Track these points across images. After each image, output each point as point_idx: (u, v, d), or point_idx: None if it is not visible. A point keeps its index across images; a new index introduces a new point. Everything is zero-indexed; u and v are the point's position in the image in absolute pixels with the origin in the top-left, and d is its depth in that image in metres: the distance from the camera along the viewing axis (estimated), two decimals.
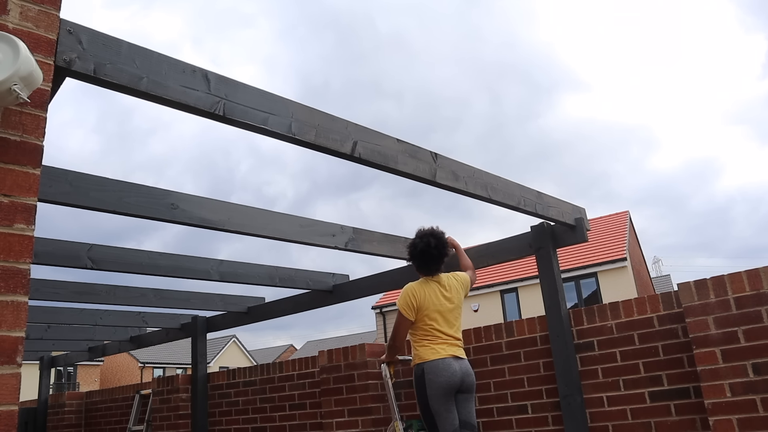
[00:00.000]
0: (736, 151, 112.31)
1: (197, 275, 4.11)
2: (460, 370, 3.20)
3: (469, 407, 3.28)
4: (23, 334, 1.37)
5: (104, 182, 2.74)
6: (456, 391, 3.20)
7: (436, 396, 3.10)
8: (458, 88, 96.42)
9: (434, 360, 3.16)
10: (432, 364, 3.15)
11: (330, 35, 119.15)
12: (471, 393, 3.30)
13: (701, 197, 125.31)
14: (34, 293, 4.32)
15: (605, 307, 3.40)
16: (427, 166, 2.70)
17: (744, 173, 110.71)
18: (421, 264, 3.38)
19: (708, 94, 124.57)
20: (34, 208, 1.46)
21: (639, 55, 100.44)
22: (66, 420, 7.01)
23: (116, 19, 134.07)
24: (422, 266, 3.38)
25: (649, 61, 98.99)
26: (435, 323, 3.24)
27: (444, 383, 3.11)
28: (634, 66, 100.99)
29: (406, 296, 3.28)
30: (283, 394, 4.96)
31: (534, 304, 17.10)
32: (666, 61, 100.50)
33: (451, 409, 3.13)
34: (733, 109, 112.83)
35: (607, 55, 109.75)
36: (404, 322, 3.28)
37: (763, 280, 2.79)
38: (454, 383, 3.15)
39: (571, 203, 3.64)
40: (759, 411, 2.68)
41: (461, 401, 3.24)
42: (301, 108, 2.22)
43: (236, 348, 38.93)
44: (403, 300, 3.28)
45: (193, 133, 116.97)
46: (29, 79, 1.38)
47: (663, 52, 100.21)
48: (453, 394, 3.17)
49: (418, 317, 3.25)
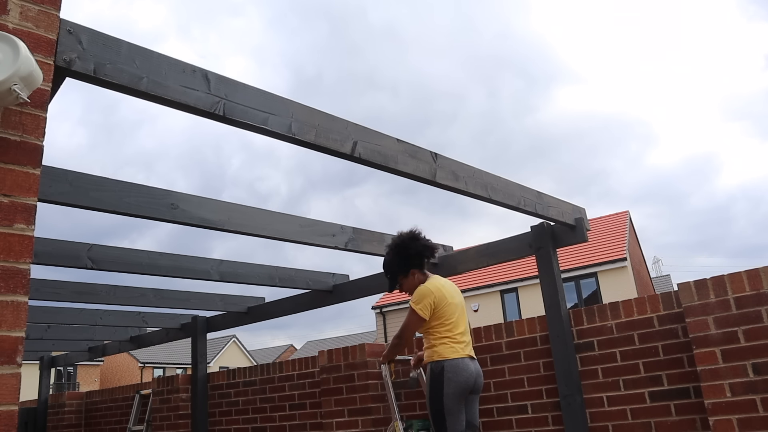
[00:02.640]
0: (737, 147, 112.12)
1: (197, 275, 4.11)
2: (475, 371, 3.23)
3: (475, 408, 3.29)
4: (23, 334, 1.37)
5: (104, 182, 2.74)
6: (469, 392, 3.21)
7: (452, 395, 3.09)
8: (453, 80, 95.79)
9: (455, 359, 3.14)
10: (453, 362, 3.13)
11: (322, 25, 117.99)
12: (479, 394, 3.33)
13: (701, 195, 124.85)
14: (34, 293, 4.32)
15: (605, 307, 3.40)
16: (427, 166, 2.70)
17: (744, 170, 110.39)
18: (420, 255, 3.37)
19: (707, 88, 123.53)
20: (34, 208, 1.46)
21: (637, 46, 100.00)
22: (66, 420, 7.01)
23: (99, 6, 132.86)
24: (419, 263, 3.38)
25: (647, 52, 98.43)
26: (454, 320, 3.23)
27: (463, 383, 3.11)
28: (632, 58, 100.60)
29: (422, 296, 3.21)
30: (283, 394, 4.96)
31: (534, 304, 17.09)
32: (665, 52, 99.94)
33: (462, 410, 3.13)
34: (734, 104, 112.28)
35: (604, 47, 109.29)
36: (418, 321, 3.22)
37: (763, 280, 2.79)
38: (470, 384, 3.16)
39: (571, 203, 3.64)
40: (759, 411, 2.68)
41: (469, 401, 3.25)
42: (301, 108, 2.22)
43: (236, 348, 38.93)
44: (420, 299, 3.21)
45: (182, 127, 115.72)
46: (29, 79, 1.38)
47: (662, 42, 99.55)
48: (466, 395, 3.17)
49: (436, 315, 3.21)
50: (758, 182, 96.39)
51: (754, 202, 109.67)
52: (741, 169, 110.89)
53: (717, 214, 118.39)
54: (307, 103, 2.26)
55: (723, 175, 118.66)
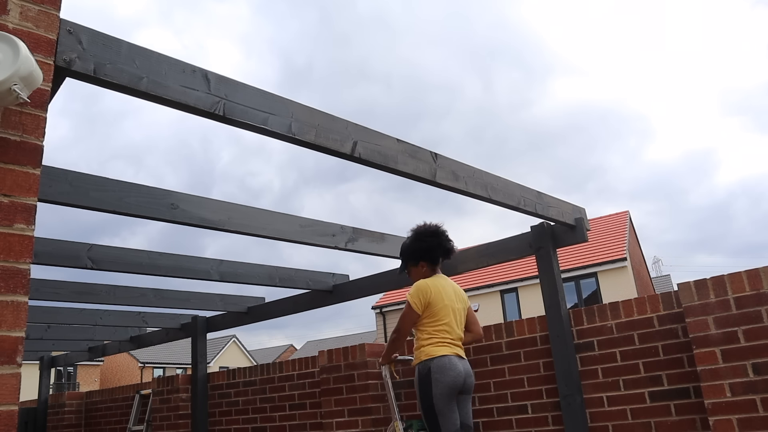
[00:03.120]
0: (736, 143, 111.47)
1: (197, 275, 4.11)
2: (464, 370, 3.21)
3: (468, 408, 3.28)
4: (23, 334, 1.37)
5: (104, 182, 2.75)
6: (458, 392, 3.19)
7: (441, 395, 3.07)
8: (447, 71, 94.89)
9: (441, 357, 3.12)
10: (439, 362, 3.11)
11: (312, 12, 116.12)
12: (470, 394, 3.31)
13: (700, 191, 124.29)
14: (34, 293, 4.32)
15: (605, 307, 3.40)
16: (427, 166, 2.70)
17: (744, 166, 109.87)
18: (432, 253, 3.36)
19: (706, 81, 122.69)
20: (34, 208, 1.46)
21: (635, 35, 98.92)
22: (66, 420, 7.02)
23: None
24: (431, 257, 3.37)
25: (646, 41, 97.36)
26: (446, 319, 3.22)
27: (450, 382, 3.09)
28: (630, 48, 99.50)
29: (418, 290, 3.24)
30: (283, 394, 4.96)
31: (534, 304, 17.10)
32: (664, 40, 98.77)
33: (454, 409, 3.12)
34: (733, 98, 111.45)
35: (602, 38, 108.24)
36: (411, 314, 3.24)
37: (763, 280, 2.79)
38: (459, 383, 3.14)
39: (571, 203, 3.64)
40: (759, 411, 2.68)
41: (461, 402, 3.24)
42: (301, 108, 2.23)
43: (236, 348, 38.95)
44: (415, 293, 3.24)
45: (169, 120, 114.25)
46: (29, 79, 1.38)
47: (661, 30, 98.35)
48: (456, 394, 3.16)
49: (429, 312, 3.22)
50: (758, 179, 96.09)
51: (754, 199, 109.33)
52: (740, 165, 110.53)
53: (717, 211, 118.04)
54: (298, 96, 2.27)
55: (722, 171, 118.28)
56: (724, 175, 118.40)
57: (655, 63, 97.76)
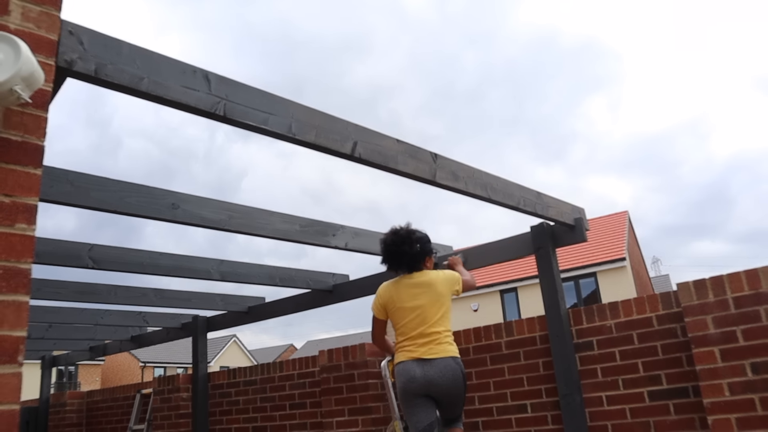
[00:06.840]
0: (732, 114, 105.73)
1: (198, 275, 4.12)
2: (422, 376, 3.04)
3: (452, 410, 3.17)
4: (25, 334, 1.38)
5: (105, 182, 2.75)
6: (425, 395, 3.08)
7: (400, 396, 3.14)
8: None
9: (398, 364, 3.17)
10: (397, 368, 3.17)
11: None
12: (449, 398, 3.10)
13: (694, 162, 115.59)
14: (36, 293, 4.33)
15: (604, 307, 3.41)
16: (426, 166, 2.71)
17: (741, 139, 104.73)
18: (385, 260, 3.36)
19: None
20: (36, 209, 1.47)
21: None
22: (67, 419, 7.02)
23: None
24: (386, 263, 3.36)
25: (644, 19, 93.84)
26: (403, 320, 3.20)
27: (403, 386, 3.09)
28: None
29: (375, 296, 3.38)
30: (283, 393, 4.97)
31: (534, 304, 17.11)
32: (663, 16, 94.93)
33: (415, 411, 3.07)
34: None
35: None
36: (375, 320, 3.37)
37: (762, 279, 2.79)
38: (414, 388, 3.06)
39: (571, 203, 3.65)
40: (757, 410, 2.69)
41: (441, 404, 3.13)
42: (301, 108, 2.24)
43: (237, 348, 38.96)
44: (374, 299, 3.38)
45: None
46: (31, 79, 1.39)
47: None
48: (417, 397, 3.07)
49: (390, 317, 3.29)
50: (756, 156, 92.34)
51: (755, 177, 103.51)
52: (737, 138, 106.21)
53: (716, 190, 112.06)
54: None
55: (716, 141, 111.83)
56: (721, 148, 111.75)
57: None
